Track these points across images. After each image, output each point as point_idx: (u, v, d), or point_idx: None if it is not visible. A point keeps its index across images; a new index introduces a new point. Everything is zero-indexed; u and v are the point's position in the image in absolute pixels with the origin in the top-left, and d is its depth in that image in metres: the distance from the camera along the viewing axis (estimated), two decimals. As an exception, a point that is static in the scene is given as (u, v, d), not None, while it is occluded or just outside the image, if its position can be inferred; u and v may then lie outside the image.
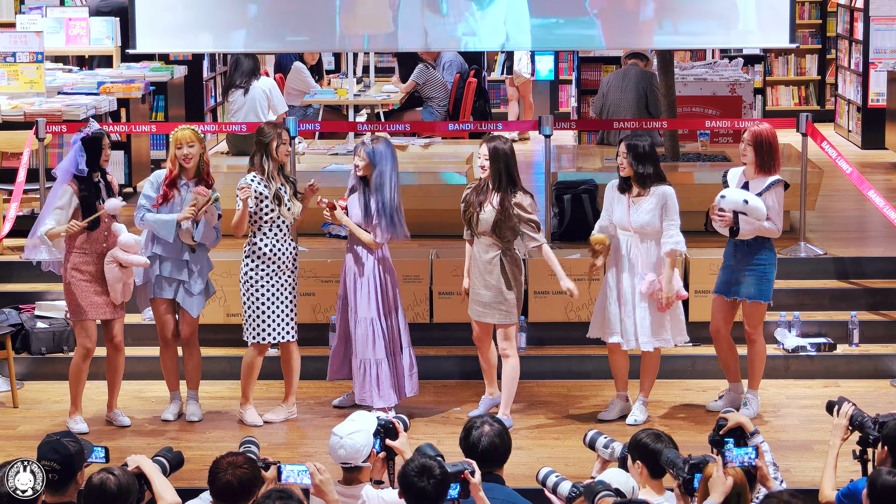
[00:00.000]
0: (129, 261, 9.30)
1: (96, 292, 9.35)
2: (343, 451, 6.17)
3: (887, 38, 16.63)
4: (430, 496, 5.74)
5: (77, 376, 9.47)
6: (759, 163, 9.27)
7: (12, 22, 15.34)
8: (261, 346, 9.55)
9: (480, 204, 9.29)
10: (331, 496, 5.94)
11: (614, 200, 9.35)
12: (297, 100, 15.19)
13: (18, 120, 12.49)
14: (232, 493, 5.89)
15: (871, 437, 6.43)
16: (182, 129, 9.56)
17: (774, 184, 9.28)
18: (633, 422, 9.42)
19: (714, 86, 14.60)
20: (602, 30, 12.15)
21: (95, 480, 5.78)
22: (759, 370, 9.59)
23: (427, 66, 15.49)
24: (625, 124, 12.45)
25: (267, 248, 9.44)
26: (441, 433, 9.19)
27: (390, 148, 9.46)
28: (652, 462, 6.24)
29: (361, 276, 9.38)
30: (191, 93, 16.06)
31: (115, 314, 9.44)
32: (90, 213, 9.28)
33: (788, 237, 11.86)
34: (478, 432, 6.26)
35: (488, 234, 9.28)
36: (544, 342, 10.61)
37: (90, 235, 9.32)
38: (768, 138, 9.27)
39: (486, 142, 9.29)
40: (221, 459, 5.97)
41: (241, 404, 9.65)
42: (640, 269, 9.25)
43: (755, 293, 9.36)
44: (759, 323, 9.48)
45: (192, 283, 9.52)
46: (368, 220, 9.35)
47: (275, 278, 9.46)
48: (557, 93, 19.20)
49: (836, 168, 11.87)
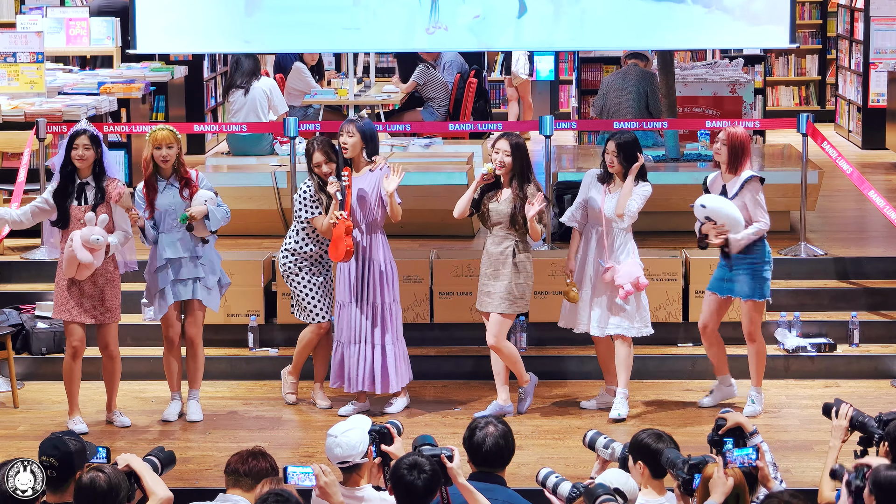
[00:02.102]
0: (75, 250, 9.08)
1: (81, 294, 9.29)
2: (339, 449, 6.19)
3: (887, 39, 16.63)
4: (419, 491, 5.75)
5: (69, 376, 9.43)
6: (731, 162, 9.40)
7: (12, 22, 15.35)
8: (317, 326, 9.72)
9: (491, 196, 9.43)
10: (336, 498, 5.95)
11: (591, 187, 9.55)
12: (298, 100, 15.19)
13: (19, 120, 12.49)
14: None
15: (875, 435, 6.42)
16: (160, 129, 9.46)
17: (747, 182, 9.38)
18: (617, 416, 9.49)
19: (714, 86, 14.59)
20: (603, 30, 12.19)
21: (85, 479, 5.77)
22: (762, 368, 9.63)
23: (427, 67, 15.49)
24: (625, 124, 12.44)
25: (308, 249, 9.64)
26: (441, 433, 9.19)
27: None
28: (653, 462, 6.23)
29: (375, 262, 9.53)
30: (191, 93, 16.06)
31: (101, 318, 9.35)
32: (60, 215, 9.23)
33: (788, 237, 11.87)
34: (482, 432, 6.25)
35: (504, 225, 9.41)
36: (544, 342, 10.61)
37: (65, 234, 9.25)
38: (742, 140, 9.41)
39: (504, 138, 9.45)
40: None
41: (291, 373, 9.93)
42: (604, 257, 9.43)
43: (750, 292, 9.41)
44: (757, 321, 9.51)
45: (208, 277, 9.54)
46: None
47: (314, 269, 9.64)
48: (558, 93, 19.21)
49: (836, 168, 11.87)
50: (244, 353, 10.53)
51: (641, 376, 10.13)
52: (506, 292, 9.45)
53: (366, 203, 9.43)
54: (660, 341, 10.11)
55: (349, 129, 9.43)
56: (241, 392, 10.28)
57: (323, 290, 9.72)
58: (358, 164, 9.48)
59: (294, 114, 14.33)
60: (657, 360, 10.34)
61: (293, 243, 9.70)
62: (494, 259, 9.49)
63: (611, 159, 9.44)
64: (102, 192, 9.23)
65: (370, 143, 9.48)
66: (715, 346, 9.66)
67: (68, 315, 9.31)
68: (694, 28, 12.31)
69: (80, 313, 9.29)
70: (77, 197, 9.23)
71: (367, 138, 9.45)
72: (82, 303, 9.28)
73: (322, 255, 9.70)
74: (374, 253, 9.48)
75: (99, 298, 9.30)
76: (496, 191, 9.45)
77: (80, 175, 9.24)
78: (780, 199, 12.13)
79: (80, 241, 9.09)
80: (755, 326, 9.51)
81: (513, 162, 9.38)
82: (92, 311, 9.30)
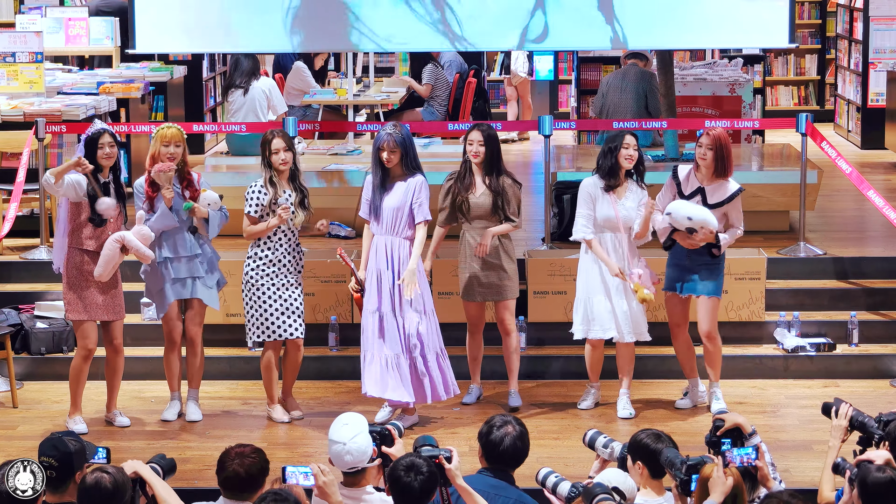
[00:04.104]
0: (135, 247, 9.15)
1: (97, 293, 9.33)
2: (350, 456, 6.11)
3: (887, 38, 16.63)
4: (415, 493, 5.75)
5: (77, 377, 9.45)
6: (717, 167, 9.43)
7: (12, 22, 15.34)
8: (271, 345, 9.55)
9: (468, 188, 9.58)
10: (334, 498, 5.93)
11: (597, 199, 9.54)
12: (298, 99, 15.19)
13: (18, 120, 12.48)
14: (239, 483, 5.92)
15: (875, 436, 6.43)
16: (168, 126, 9.50)
17: (737, 194, 9.48)
18: (629, 415, 9.60)
19: (713, 86, 14.60)
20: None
21: (90, 479, 5.78)
22: (720, 363, 9.67)
23: (436, 66, 15.49)
24: (625, 124, 12.44)
25: (270, 252, 9.48)
26: (441, 433, 9.19)
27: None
28: (652, 462, 6.24)
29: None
30: (190, 93, 16.05)
31: (115, 315, 9.42)
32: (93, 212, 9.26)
33: (788, 237, 11.87)
34: (501, 432, 6.24)
35: (485, 217, 9.56)
36: (544, 342, 10.61)
37: (94, 233, 9.28)
38: (726, 142, 9.47)
39: (476, 129, 9.64)
40: (230, 450, 6.04)
41: (268, 404, 9.69)
42: (628, 264, 9.47)
43: (713, 289, 9.51)
44: (716, 318, 9.58)
45: (208, 277, 9.54)
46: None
47: (274, 279, 9.47)
48: (557, 93, 19.20)
49: (835, 168, 11.87)
50: (243, 353, 10.52)
51: (641, 376, 10.14)
52: (509, 278, 9.63)
53: (397, 213, 9.36)
54: (659, 341, 10.10)
55: (389, 144, 9.26)
56: (241, 392, 10.28)
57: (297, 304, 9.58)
58: (395, 175, 9.37)
59: (293, 113, 14.33)
60: (657, 360, 10.34)
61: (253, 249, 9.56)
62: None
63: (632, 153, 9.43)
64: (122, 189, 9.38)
65: (408, 155, 9.34)
66: (686, 346, 9.72)
67: (86, 314, 9.32)
68: (693, 28, 12.30)
69: (98, 312, 9.33)
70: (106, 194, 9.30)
71: (406, 149, 9.32)
72: (99, 301, 9.32)
73: (285, 263, 9.53)
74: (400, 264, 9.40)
75: (114, 296, 9.39)
76: (470, 180, 9.59)
77: (102, 174, 9.29)
78: (780, 198, 12.14)
79: (138, 237, 9.15)
80: (715, 324, 9.57)
81: (486, 150, 9.53)
82: (107, 309, 9.35)
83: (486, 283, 9.65)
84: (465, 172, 9.65)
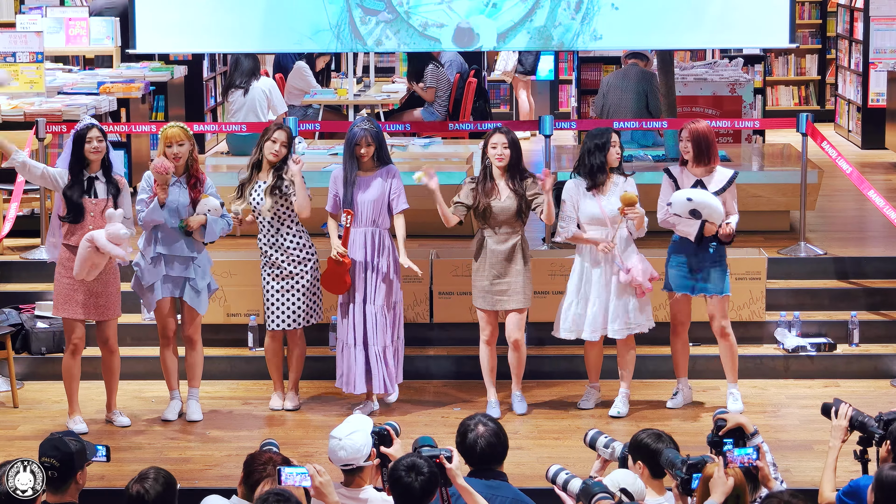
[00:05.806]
0: (103, 246, 9.07)
1: (81, 291, 9.28)
2: (344, 452, 6.16)
3: (887, 38, 16.63)
4: (416, 493, 5.75)
5: (69, 374, 9.43)
6: (701, 157, 9.52)
7: (12, 22, 15.35)
8: (270, 333, 9.76)
9: (489, 194, 9.53)
10: (331, 498, 5.93)
11: (580, 199, 9.57)
12: (298, 99, 15.19)
13: (18, 120, 12.49)
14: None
15: (875, 435, 6.43)
16: (172, 126, 9.52)
17: (734, 178, 9.57)
18: (617, 413, 9.58)
19: (714, 85, 14.60)
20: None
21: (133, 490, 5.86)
22: (737, 361, 9.69)
23: (437, 66, 15.49)
24: (625, 124, 12.45)
25: (260, 243, 9.72)
26: (441, 433, 9.18)
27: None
28: (653, 462, 6.24)
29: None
30: (191, 93, 16.06)
31: (100, 315, 9.36)
32: (73, 210, 9.22)
33: (788, 237, 11.88)
34: (473, 434, 6.26)
35: (510, 221, 9.52)
36: (544, 342, 10.60)
37: (74, 229, 9.23)
38: (704, 132, 9.52)
39: (498, 132, 9.57)
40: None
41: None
42: (619, 260, 9.47)
43: (723, 287, 9.55)
44: (727, 315, 9.58)
45: (198, 280, 9.54)
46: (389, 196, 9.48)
47: (266, 269, 9.67)
48: (557, 93, 19.20)
49: (836, 168, 11.87)
50: (244, 353, 10.53)
51: (641, 376, 10.13)
52: (523, 286, 9.57)
53: (376, 206, 9.43)
54: (660, 341, 10.11)
55: (367, 139, 9.43)
56: (241, 392, 10.28)
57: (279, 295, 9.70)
58: (367, 168, 9.51)
59: (294, 113, 14.33)
60: (657, 360, 10.34)
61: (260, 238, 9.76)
62: (502, 257, 9.54)
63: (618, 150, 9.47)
64: (115, 185, 9.30)
65: (382, 148, 9.56)
66: (683, 346, 9.78)
67: (69, 312, 9.31)
68: (693, 28, 12.30)
69: (80, 310, 9.29)
70: (86, 191, 9.24)
71: (380, 142, 9.52)
72: (84, 300, 9.27)
73: (271, 254, 9.65)
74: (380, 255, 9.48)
75: (101, 295, 9.31)
76: (490, 188, 9.51)
77: (89, 169, 9.25)
78: (780, 198, 12.14)
79: (107, 237, 9.07)
80: (729, 320, 9.58)
81: (511, 153, 9.49)
82: (93, 308, 9.31)
83: (498, 289, 9.58)
84: (486, 177, 9.57)
